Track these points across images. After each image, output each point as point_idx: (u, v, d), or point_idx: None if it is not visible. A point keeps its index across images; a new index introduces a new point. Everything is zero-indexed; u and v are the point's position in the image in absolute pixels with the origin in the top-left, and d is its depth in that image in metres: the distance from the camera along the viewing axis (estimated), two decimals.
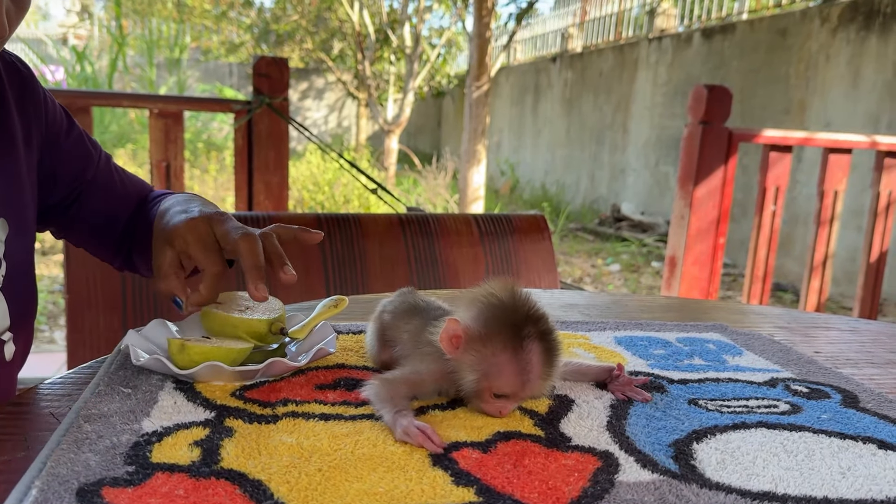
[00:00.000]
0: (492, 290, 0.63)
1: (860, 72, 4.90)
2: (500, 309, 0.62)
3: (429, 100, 12.28)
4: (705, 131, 2.46)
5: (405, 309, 0.72)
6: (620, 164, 7.83)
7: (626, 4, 8.39)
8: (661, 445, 0.59)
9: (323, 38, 11.94)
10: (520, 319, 0.61)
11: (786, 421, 0.65)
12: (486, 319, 0.61)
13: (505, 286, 0.64)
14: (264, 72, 2.37)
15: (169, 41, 10.14)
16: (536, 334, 0.61)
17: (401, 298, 0.74)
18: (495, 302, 0.62)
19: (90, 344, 1.36)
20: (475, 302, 0.63)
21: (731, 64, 6.19)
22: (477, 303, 0.63)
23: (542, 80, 9.76)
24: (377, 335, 0.73)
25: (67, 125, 0.86)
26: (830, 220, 2.66)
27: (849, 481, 0.54)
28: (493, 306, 0.62)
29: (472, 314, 0.63)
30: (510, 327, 0.61)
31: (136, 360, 0.67)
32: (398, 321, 0.71)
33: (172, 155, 2.32)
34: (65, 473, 0.49)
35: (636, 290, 4.99)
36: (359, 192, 6.26)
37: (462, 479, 0.51)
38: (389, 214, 1.61)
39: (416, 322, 0.69)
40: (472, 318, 0.62)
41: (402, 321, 0.70)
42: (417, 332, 0.68)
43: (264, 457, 0.53)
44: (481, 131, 5.81)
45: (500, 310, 0.62)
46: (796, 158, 5.17)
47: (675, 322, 0.98)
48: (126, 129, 8.55)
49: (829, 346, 0.93)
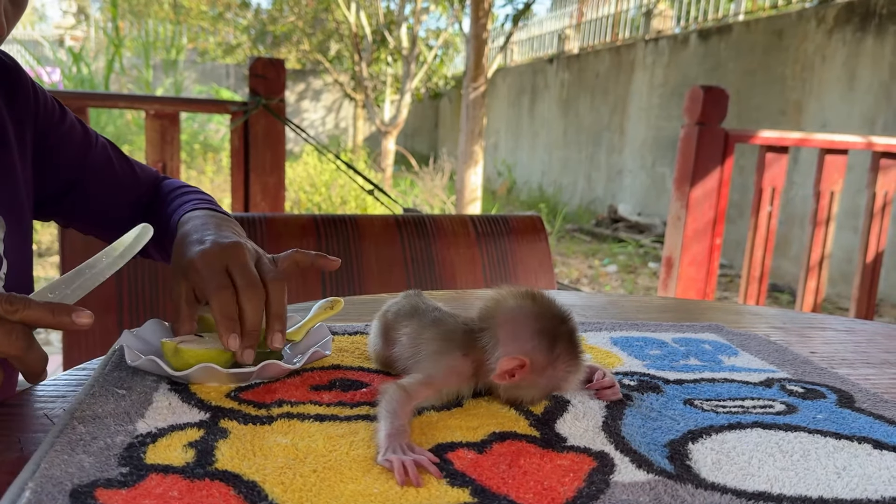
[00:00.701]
0: (530, 308, 0.63)
1: (856, 73, 4.92)
2: (550, 329, 0.62)
3: (426, 101, 12.29)
4: (702, 132, 2.47)
5: (407, 310, 0.72)
6: (617, 165, 7.84)
7: (623, 6, 8.41)
8: (656, 446, 0.59)
9: (320, 40, 11.94)
10: (571, 329, 0.64)
11: (781, 421, 0.65)
12: (545, 346, 0.62)
13: (533, 297, 0.64)
14: (261, 73, 2.37)
15: (165, 42, 10.13)
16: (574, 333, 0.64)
17: (406, 300, 0.74)
18: (547, 326, 0.63)
19: (85, 345, 1.36)
20: (519, 325, 0.63)
21: (728, 65, 6.21)
22: (524, 329, 0.62)
23: (539, 81, 9.77)
24: (380, 333, 0.73)
25: (60, 113, 0.86)
26: (827, 221, 2.67)
27: (844, 481, 0.54)
28: (546, 331, 0.62)
29: (524, 343, 0.62)
30: (567, 344, 0.63)
31: (131, 361, 0.67)
32: (399, 322, 0.71)
33: (169, 156, 2.32)
34: (58, 475, 0.49)
35: (633, 290, 4.99)
36: (356, 193, 6.26)
37: (457, 480, 0.51)
38: (386, 216, 1.61)
39: (415, 324, 0.69)
40: (530, 349, 0.62)
41: (402, 322, 0.70)
42: (416, 333, 0.68)
43: (259, 458, 0.53)
44: (478, 132, 5.82)
45: (550, 330, 0.62)
46: (792, 159, 5.17)
47: (671, 322, 0.98)
48: (122, 131, 8.53)
49: (825, 346, 0.93)
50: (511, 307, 0.64)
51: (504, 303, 0.65)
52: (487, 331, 0.64)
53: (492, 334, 0.63)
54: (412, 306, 0.72)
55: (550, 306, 0.64)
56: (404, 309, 0.72)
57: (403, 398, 0.60)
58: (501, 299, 0.65)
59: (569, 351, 0.63)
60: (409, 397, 0.61)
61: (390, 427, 0.56)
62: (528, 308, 0.64)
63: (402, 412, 0.58)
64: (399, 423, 0.57)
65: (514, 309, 0.64)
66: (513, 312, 0.64)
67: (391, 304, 0.74)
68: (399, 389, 0.61)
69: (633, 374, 0.76)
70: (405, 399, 0.60)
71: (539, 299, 0.64)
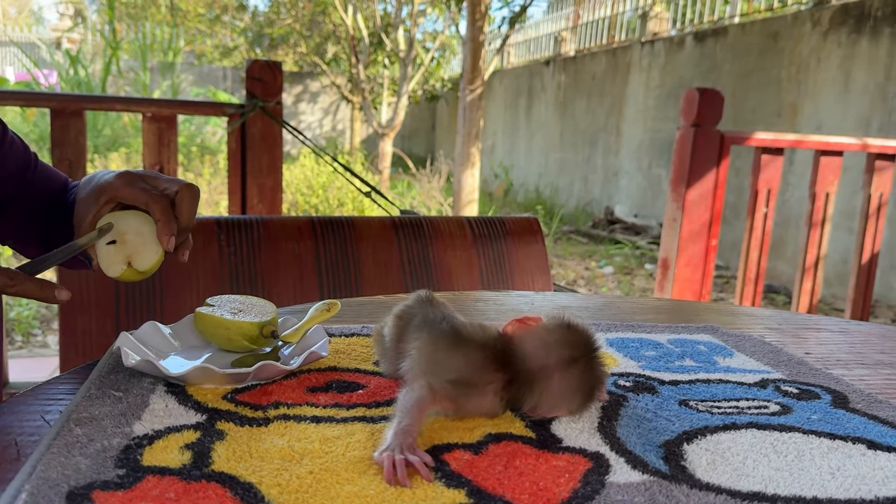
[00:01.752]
0: (574, 364, 0.62)
1: (851, 74, 4.93)
2: (591, 382, 0.62)
3: (423, 103, 12.29)
4: (697, 134, 2.48)
5: (420, 322, 0.68)
6: (613, 166, 7.85)
7: (619, 8, 8.42)
8: (651, 446, 0.59)
9: (317, 42, 11.95)
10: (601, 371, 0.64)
11: (776, 422, 0.65)
12: (584, 398, 0.63)
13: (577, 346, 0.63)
14: (258, 75, 2.37)
15: (163, 45, 10.13)
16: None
17: (419, 307, 0.71)
18: (589, 381, 0.62)
19: (82, 348, 1.36)
20: (565, 385, 0.62)
21: (723, 67, 6.22)
22: (568, 388, 0.62)
23: (536, 83, 9.78)
24: (392, 340, 0.70)
25: (1, 130, 0.86)
26: (822, 222, 2.68)
27: (838, 481, 0.54)
28: (587, 387, 0.62)
29: (570, 403, 0.62)
30: (600, 385, 0.64)
31: (128, 363, 0.67)
32: (410, 334, 0.68)
33: (166, 159, 2.32)
34: (55, 477, 0.49)
35: (629, 292, 5.00)
36: (353, 195, 6.26)
37: (453, 481, 0.51)
38: (383, 217, 1.61)
39: (438, 342, 0.65)
40: (574, 408, 0.63)
41: (414, 335, 0.67)
42: (441, 357, 0.64)
43: (255, 459, 0.53)
44: (475, 134, 5.82)
45: (591, 383, 0.62)
46: (788, 161, 5.19)
47: (666, 324, 0.98)
48: (119, 133, 8.53)
49: (820, 347, 0.93)
50: (557, 365, 0.62)
51: (549, 354, 0.62)
52: (528, 373, 0.62)
53: (536, 385, 0.62)
54: (423, 316, 0.68)
55: (593, 358, 0.63)
56: (416, 317, 0.69)
57: (425, 400, 0.59)
58: (547, 346, 0.62)
59: (600, 388, 0.64)
60: (431, 401, 0.60)
61: (398, 425, 0.56)
62: (572, 364, 0.61)
63: (416, 412, 0.58)
64: (408, 422, 0.56)
65: (561, 367, 0.61)
66: (560, 371, 0.61)
67: (403, 306, 0.71)
68: (426, 391, 0.59)
69: (629, 374, 0.77)
70: (426, 402, 0.59)
71: (582, 347, 0.63)
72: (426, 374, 0.61)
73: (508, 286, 1.60)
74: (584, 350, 0.62)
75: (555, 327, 0.63)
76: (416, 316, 0.69)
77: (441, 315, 0.68)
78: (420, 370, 0.62)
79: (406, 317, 0.70)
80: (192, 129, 9.42)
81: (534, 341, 0.63)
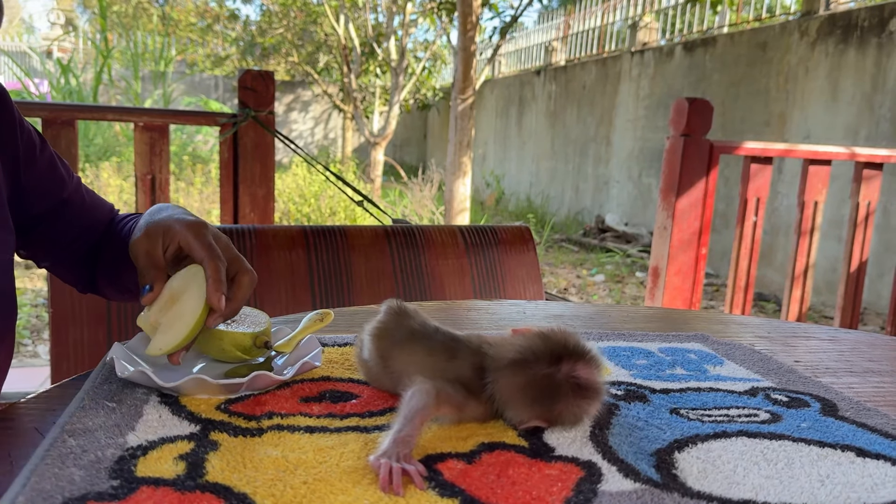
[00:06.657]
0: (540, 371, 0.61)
1: (839, 84, 4.98)
2: (565, 388, 0.62)
3: (414, 112, 12.33)
4: (687, 143, 2.49)
5: (405, 335, 0.68)
6: (604, 175, 7.88)
7: (609, 18, 8.49)
8: (643, 455, 0.59)
9: (309, 52, 11.97)
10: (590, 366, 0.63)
11: (766, 430, 0.66)
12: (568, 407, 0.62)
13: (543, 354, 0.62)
14: (250, 85, 2.37)
15: (154, 54, 10.11)
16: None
17: (393, 318, 0.70)
18: (559, 386, 0.62)
19: (74, 358, 1.35)
20: (531, 392, 0.62)
21: (713, 77, 6.27)
22: (536, 396, 0.62)
23: (527, 92, 9.83)
24: (377, 361, 0.70)
25: (41, 145, 0.86)
26: (811, 231, 2.70)
27: (828, 489, 0.55)
28: (558, 392, 0.62)
29: (542, 411, 0.62)
30: (587, 392, 0.63)
31: (122, 373, 0.67)
32: (400, 349, 0.68)
33: (157, 168, 2.31)
34: (49, 488, 0.49)
35: (620, 300, 5.01)
36: (345, 204, 6.26)
37: (447, 490, 0.52)
38: (375, 226, 1.61)
39: (421, 352, 0.66)
40: (550, 417, 0.62)
41: (405, 350, 0.68)
42: (427, 369, 0.65)
43: (249, 470, 0.53)
44: (466, 143, 5.84)
45: (564, 388, 0.62)
46: (777, 170, 5.23)
47: (657, 332, 0.99)
48: (111, 142, 8.50)
49: (809, 355, 0.94)
50: (508, 366, 0.62)
51: (517, 364, 0.62)
52: (499, 384, 0.62)
53: (506, 394, 0.62)
54: (407, 329, 0.69)
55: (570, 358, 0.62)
56: (398, 331, 0.69)
57: (430, 408, 0.59)
58: (510, 350, 0.63)
59: (589, 394, 0.62)
60: (435, 409, 0.60)
61: (398, 432, 0.56)
62: (539, 371, 0.61)
63: (418, 421, 0.58)
64: (408, 431, 0.56)
65: (526, 374, 0.61)
66: (525, 379, 0.62)
67: (378, 322, 0.71)
68: (432, 397, 0.60)
69: (620, 383, 0.77)
70: (430, 410, 0.59)
71: (554, 350, 0.62)
72: (433, 381, 0.62)
73: (500, 295, 1.61)
74: (544, 356, 0.62)
75: (532, 335, 0.64)
76: (397, 330, 0.69)
77: (424, 325, 0.69)
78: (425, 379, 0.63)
79: (384, 334, 0.70)
80: (184, 137, 9.40)
81: (504, 346, 0.64)
